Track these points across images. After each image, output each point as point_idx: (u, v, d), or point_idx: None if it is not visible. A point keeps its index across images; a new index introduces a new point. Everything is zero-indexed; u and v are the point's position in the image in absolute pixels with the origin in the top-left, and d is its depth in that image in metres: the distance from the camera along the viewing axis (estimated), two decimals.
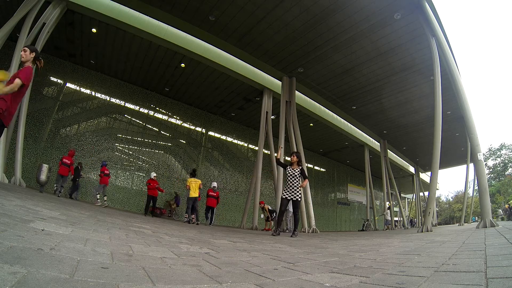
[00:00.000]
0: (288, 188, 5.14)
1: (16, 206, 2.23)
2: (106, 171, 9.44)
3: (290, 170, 5.20)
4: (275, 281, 1.09)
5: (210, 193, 9.81)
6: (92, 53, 10.96)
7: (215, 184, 10.41)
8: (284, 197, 5.12)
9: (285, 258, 1.86)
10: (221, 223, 13.89)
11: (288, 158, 6.36)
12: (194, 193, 8.00)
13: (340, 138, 17.32)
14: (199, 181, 8.22)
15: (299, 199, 5.11)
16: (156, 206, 9.76)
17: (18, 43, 7.14)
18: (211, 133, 15.72)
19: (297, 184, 5.11)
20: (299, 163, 5.31)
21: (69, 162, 8.62)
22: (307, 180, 5.26)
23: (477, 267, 1.26)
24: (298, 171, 5.17)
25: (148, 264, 1.17)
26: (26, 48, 2.87)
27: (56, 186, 8.56)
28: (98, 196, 9.23)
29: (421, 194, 25.14)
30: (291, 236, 4.99)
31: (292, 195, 5.07)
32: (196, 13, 8.61)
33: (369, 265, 1.57)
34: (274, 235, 4.94)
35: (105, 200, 9.34)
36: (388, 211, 17.18)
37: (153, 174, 9.88)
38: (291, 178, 5.15)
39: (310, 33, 9.02)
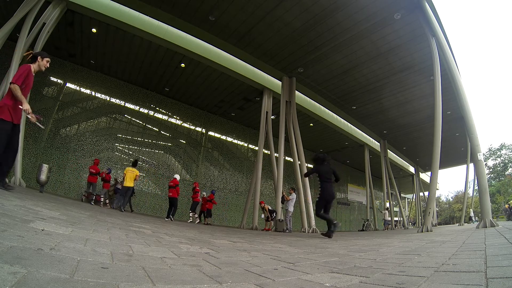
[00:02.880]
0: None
1: (16, 206, 2.23)
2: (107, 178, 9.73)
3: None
4: (275, 281, 1.09)
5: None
6: (92, 53, 10.96)
7: (204, 193, 11.66)
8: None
9: (285, 258, 1.86)
10: (221, 223, 13.89)
11: (288, 158, 6.45)
12: (129, 182, 8.04)
13: (340, 138, 17.32)
14: (136, 172, 8.24)
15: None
16: (90, 192, 9.41)
17: (18, 43, 7.15)
18: (211, 133, 15.72)
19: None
20: None
21: (94, 171, 9.12)
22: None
23: (477, 267, 1.25)
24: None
25: (148, 264, 1.17)
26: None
27: (85, 192, 8.98)
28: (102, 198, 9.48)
29: (421, 194, 25.14)
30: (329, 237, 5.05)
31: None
32: (196, 13, 8.61)
33: (369, 265, 1.57)
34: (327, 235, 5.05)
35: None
36: (387, 211, 17.17)
37: (177, 177, 9.32)
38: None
39: (310, 33, 9.02)
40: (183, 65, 11.12)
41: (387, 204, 17.98)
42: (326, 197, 5.16)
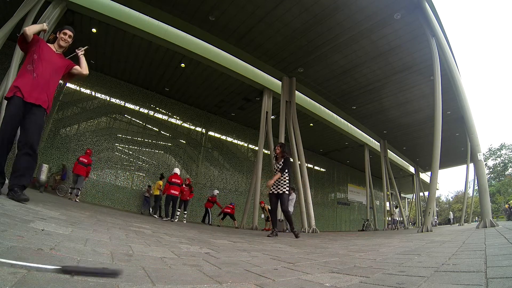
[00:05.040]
0: (274, 182, 4.69)
1: (16, 206, 2.23)
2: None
3: (275, 165, 4.78)
4: (275, 281, 1.09)
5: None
6: (92, 53, 10.94)
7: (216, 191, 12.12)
8: (270, 192, 4.69)
9: (285, 258, 1.86)
10: (221, 223, 13.88)
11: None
12: (155, 191, 10.34)
13: (340, 138, 17.32)
14: (160, 183, 10.34)
15: (285, 192, 4.58)
16: (72, 187, 8.73)
17: None
18: (211, 133, 15.72)
19: (283, 177, 4.64)
20: (282, 154, 4.76)
21: (86, 161, 8.15)
22: (279, 174, 4.62)
23: (477, 267, 1.26)
24: (281, 163, 4.66)
25: (148, 264, 1.17)
26: None
27: (71, 187, 8.07)
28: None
29: (421, 194, 25.15)
30: (297, 237, 4.49)
31: (278, 188, 4.61)
32: (196, 13, 8.61)
33: (369, 265, 1.57)
34: (270, 236, 4.47)
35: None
36: (397, 211, 17.23)
37: (177, 170, 8.98)
38: (276, 173, 4.75)
39: (310, 33, 9.02)
40: (183, 65, 11.12)
41: (388, 204, 17.98)
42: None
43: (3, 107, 6.37)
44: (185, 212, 9.56)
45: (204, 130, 15.46)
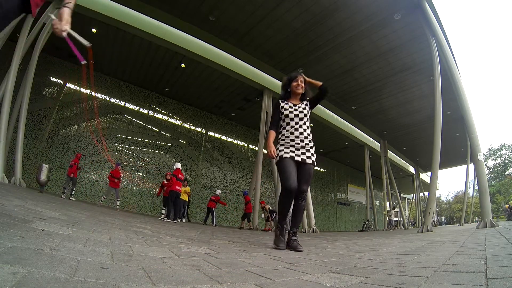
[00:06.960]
0: (294, 141, 2.43)
1: (16, 206, 2.23)
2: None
3: (292, 107, 2.52)
4: (275, 281, 1.09)
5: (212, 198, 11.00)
6: (92, 53, 10.94)
7: (219, 191, 11.48)
8: (288, 156, 2.38)
9: (285, 258, 1.86)
10: (221, 223, 13.89)
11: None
12: (183, 197, 8.93)
13: (340, 138, 17.33)
14: (187, 189, 9.09)
15: (314, 162, 2.45)
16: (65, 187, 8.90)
17: (18, 43, 7.15)
18: (211, 133, 15.73)
19: (309, 133, 2.49)
20: (304, 95, 2.61)
21: (72, 163, 8.80)
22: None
23: (477, 267, 1.26)
24: (307, 105, 2.55)
25: (148, 264, 1.17)
26: None
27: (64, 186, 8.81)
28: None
29: (421, 194, 25.13)
30: (289, 247, 2.42)
31: (302, 153, 2.41)
32: (196, 13, 8.62)
33: (369, 265, 1.57)
34: (279, 247, 2.40)
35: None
36: (393, 211, 17.26)
37: (179, 165, 8.43)
38: (296, 122, 2.48)
39: (310, 33, 9.03)
40: (183, 65, 11.12)
41: (388, 204, 17.98)
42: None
43: None
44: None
45: (204, 130, 15.46)
